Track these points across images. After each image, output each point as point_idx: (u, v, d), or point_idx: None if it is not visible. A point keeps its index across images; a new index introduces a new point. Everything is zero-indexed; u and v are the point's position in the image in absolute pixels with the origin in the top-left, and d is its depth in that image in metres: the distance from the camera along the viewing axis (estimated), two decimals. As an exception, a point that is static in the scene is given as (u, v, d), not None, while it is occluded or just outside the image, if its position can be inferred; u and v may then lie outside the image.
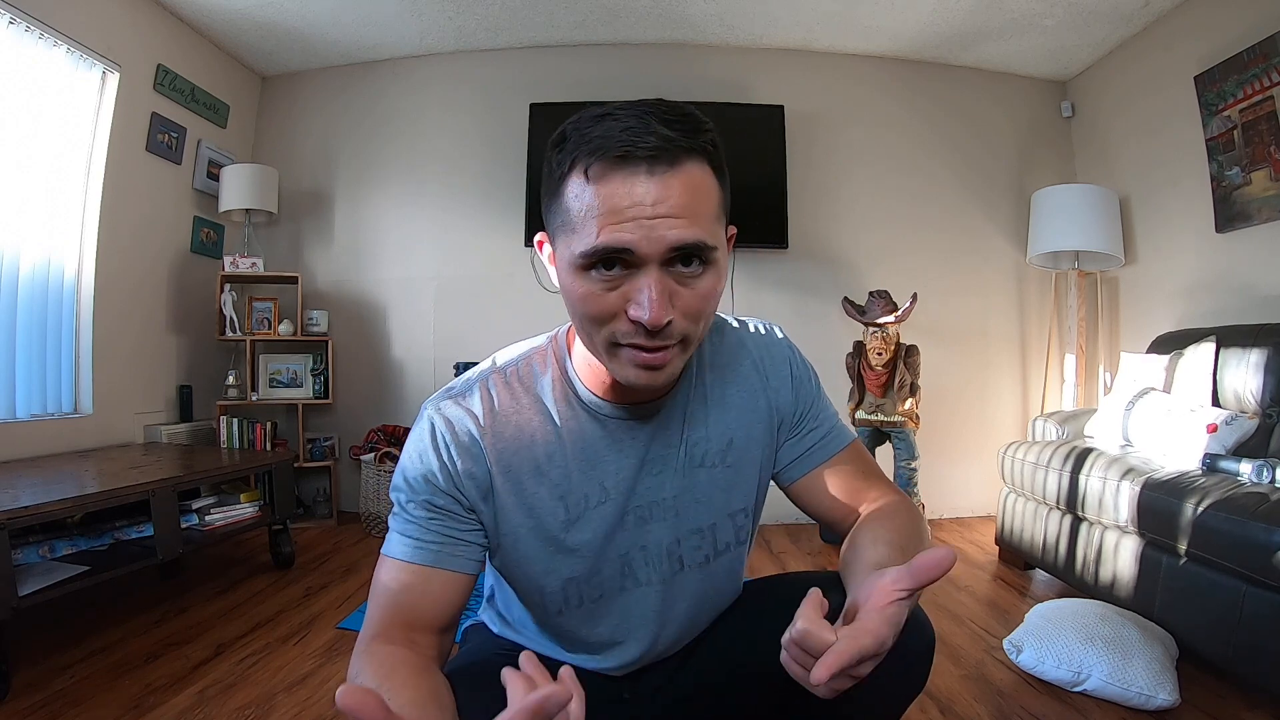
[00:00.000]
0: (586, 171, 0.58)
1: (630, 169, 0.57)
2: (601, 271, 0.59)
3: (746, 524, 0.81)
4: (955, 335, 3.24)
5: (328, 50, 3.23)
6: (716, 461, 0.77)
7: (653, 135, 0.57)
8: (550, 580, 0.74)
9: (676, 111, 0.59)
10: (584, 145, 0.58)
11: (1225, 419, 1.91)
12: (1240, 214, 2.42)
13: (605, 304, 0.60)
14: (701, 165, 0.60)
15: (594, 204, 0.58)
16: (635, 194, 0.57)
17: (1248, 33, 2.34)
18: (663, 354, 0.62)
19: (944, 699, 1.49)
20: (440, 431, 0.70)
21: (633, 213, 0.57)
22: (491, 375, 0.74)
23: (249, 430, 2.97)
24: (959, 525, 3.08)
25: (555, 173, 0.61)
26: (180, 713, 1.40)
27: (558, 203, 0.61)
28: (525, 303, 3.20)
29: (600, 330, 0.62)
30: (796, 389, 0.81)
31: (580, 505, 0.73)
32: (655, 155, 0.57)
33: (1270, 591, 1.37)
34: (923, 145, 3.31)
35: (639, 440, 0.74)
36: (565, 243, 0.61)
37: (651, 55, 3.25)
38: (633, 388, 0.66)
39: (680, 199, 0.58)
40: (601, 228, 0.58)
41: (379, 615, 0.68)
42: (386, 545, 0.71)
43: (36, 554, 1.75)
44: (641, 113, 0.58)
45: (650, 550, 0.76)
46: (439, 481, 0.70)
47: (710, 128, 0.61)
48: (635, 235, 0.57)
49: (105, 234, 2.56)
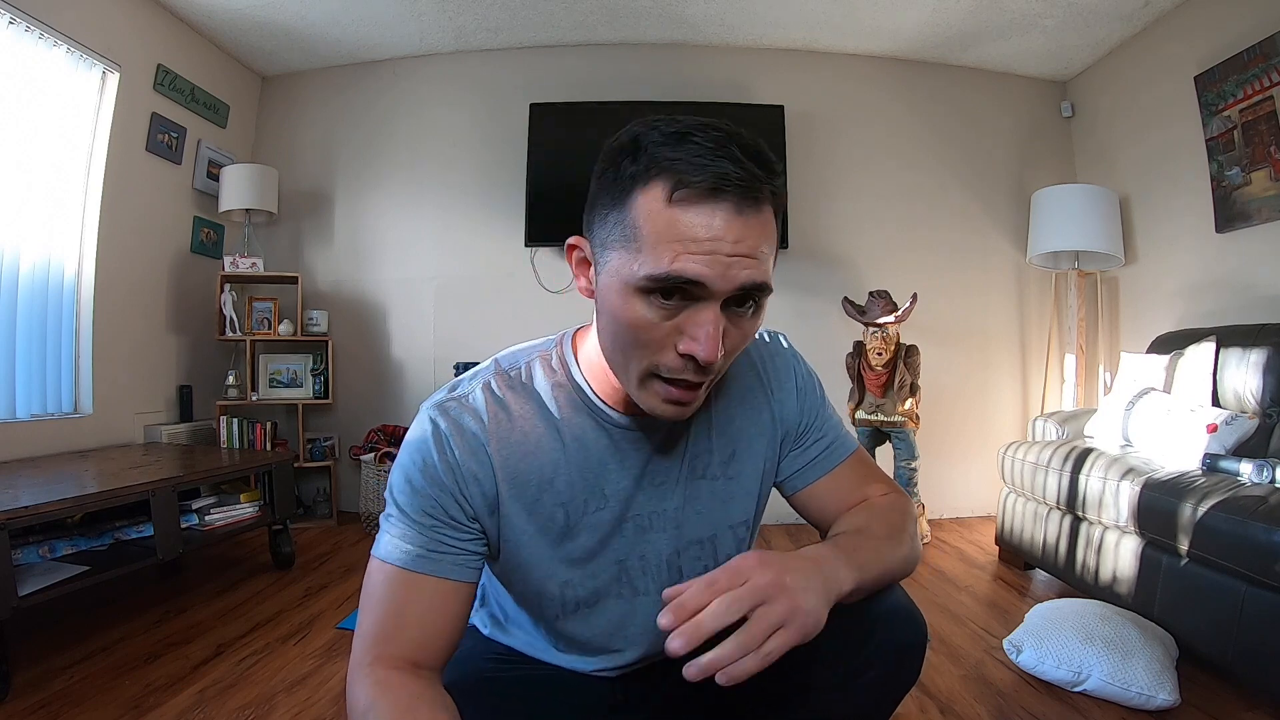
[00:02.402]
0: (670, 193, 0.56)
1: (717, 202, 0.56)
2: (660, 300, 0.58)
3: (746, 536, 0.81)
4: (955, 335, 3.24)
5: (328, 50, 3.23)
6: (718, 474, 0.76)
7: (741, 170, 0.56)
8: (549, 585, 0.74)
9: (752, 146, 0.58)
10: (668, 163, 0.56)
11: (1225, 419, 1.91)
12: (1240, 214, 2.42)
13: (657, 333, 0.59)
14: (771, 210, 0.60)
15: (671, 228, 0.56)
16: (717, 228, 0.56)
17: (1248, 33, 2.34)
18: (696, 391, 0.62)
19: (944, 699, 1.49)
20: (445, 432, 0.68)
21: (711, 246, 0.56)
22: (494, 377, 0.72)
23: (249, 430, 2.97)
24: (959, 525, 3.08)
25: (624, 183, 0.58)
26: (180, 713, 1.40)
27: (620, 214, 0.59)
28: (525, 303, 3.20)
29: (642, 359, 0.61)
30: (801, 400, 0.81)
31: (580, 511, 0.72)
32: (743, 193, 0.56)
33: (1270, 592, 1.37)
34: (923, 145, 3.31)
35: (642, 451, 0.73)
36: (624, 260, 0.58)
37: (651, 55, 3.25)
38: (655, 417, 0.65)
39: (756, 241, 0.57)
40: (678, 255, 0.56)
41: (377, 630, 0.65)
42: (381, 548, 0.67)
43: (36, 554, 1.75)
44: (721, 140, 0.57)
45: (649, 560, 0.75)
46: (444, 483, 0.67)
47: (781, 171, 0.60)
48: (711, 271, 0.56)
49: (105, 234, 2.56)
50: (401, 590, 0.66)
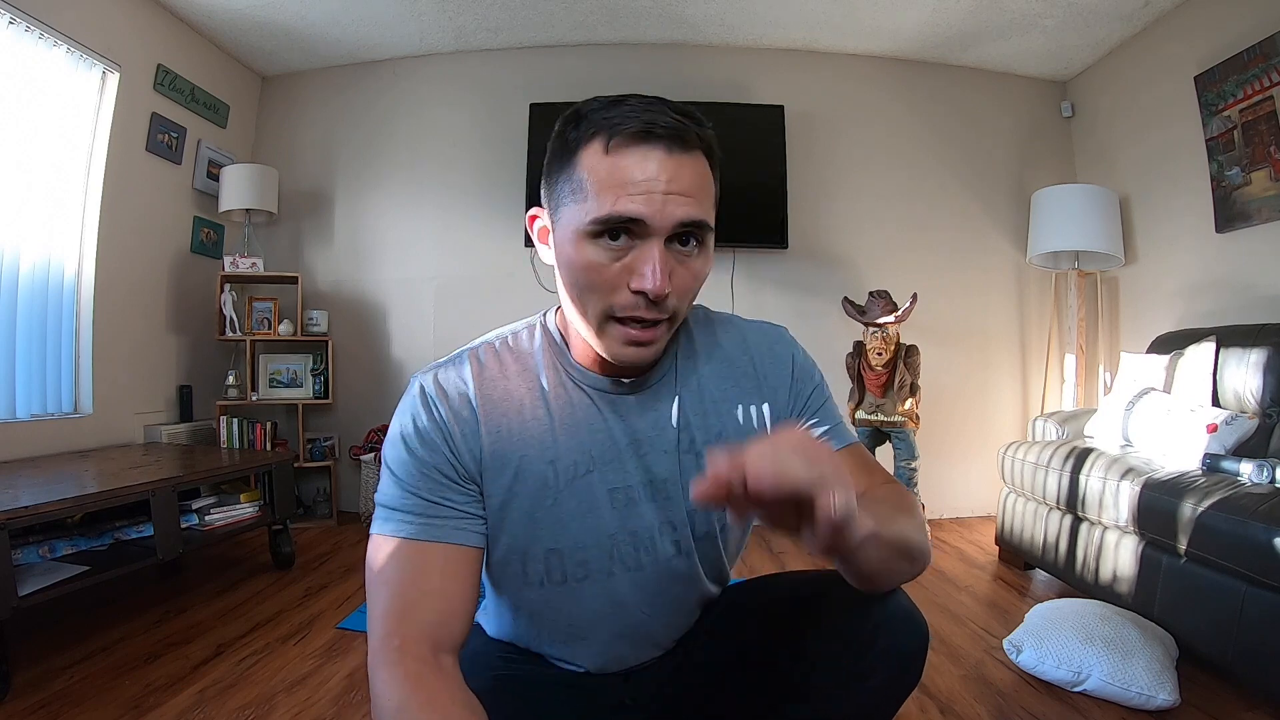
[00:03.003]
0: (607, 144, 0.62)
1: (649, 146, 0.62)
2: (608, 241, 0.63)
3: (724, 516, 0.78)
4: (955, 335, 3.24)
5: (328, 50, 3.23)
6: (704, 450, 0.76)
7: (669, 119, 0.62)
8: (534, 547, 0.73)
9: (682, 107, 0.65)
10: (603, 121, 0.63)
11: (1225, 419, 1.91)
12: (1240, 214, 2.42)
13: (608, 274, 0.63)
14: (704, 158, 0.65)
15: (611, 174, 0.62)
16: (650, 169, 0.61)
17: (1248, 33, 2.34)
18: (653, 331, 0.65)
19: (944, 699, 1.49)
20: (431, 395, 0.71)
21: (647, 186, 0.61)
22: (481, 346, 0.76)
23: (249, 430, 2.97)
24: (959, 525, 3.08)
25: (569, 145, 0.65)
26: (180, 713, 1.40)
27: (568, 173, 0.65)
28: (525, 303, 3.16)
29: (598, 302, 0.65)
30: (796, 388, 0.80)
31: (570, 472, 0.72)
32: (672, 137, 0.62)
33: (1270, 591, 1.37)
34: (923, 145, 3.31)
35: (627, 417, 0.74)
36: (573, 211, 0.64)
37: (651, 55, 3.25)
38: (622, 365, 0.68)
39: (690, 180, 0.63)
40: (618, 197, 0.61)
41: (391, 608, 0.63)
42: (381, 525, 0.67)
43: (36, 554, 1.75)
44: (652, 100, 0.64)
45: (640, 535, 0.74)
46: (434, 442, 0.69)
47: (710, 127, 0.66)
48: (648, 208, 0.61)
49: (105, 234, 2.56)
50: (410, 562, 0.65)
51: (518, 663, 0.82)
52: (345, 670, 1.61)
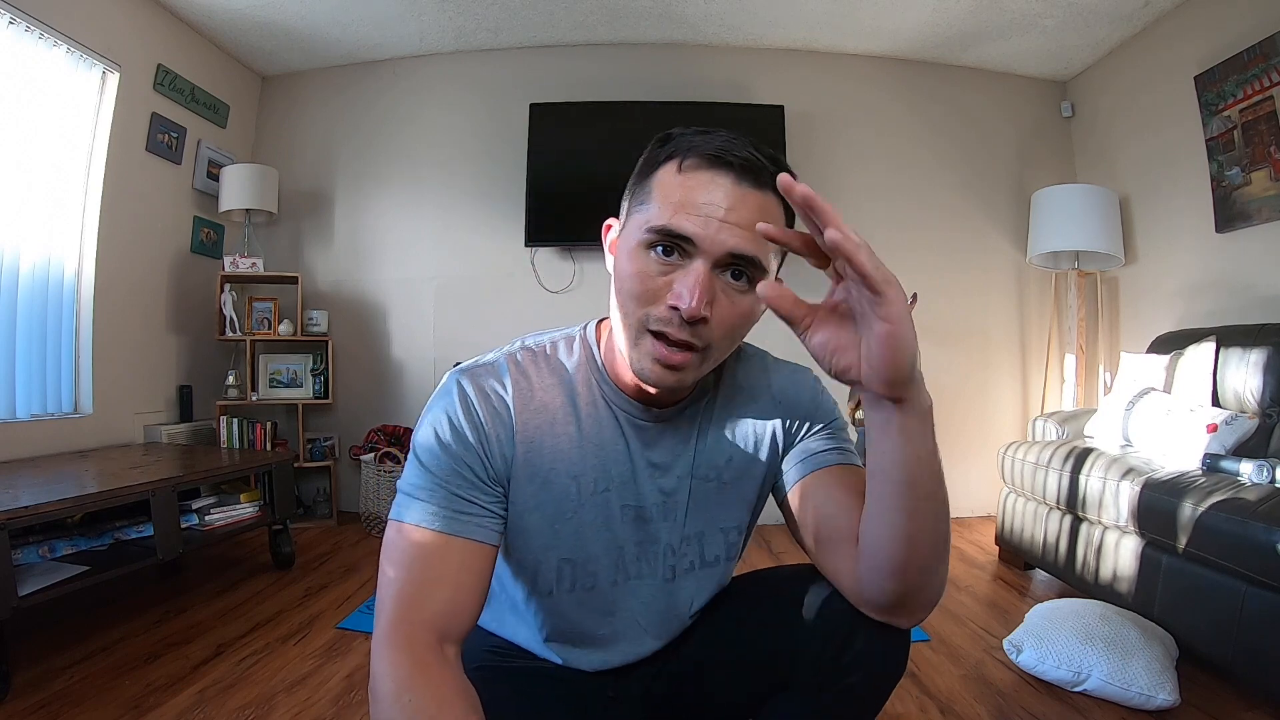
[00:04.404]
0: (681, 163, 0.65)
1: (718, 171, 0.63)
2: (660, 254, 0.64)
3: (738, 541, 0.82)
4: (955, 335, 3.24)
5: (328, 50, 3.23)
6: (713, 476, 0.78)
7: (746, 151, 0.64)
8: (548, 556, 0.75)
9: (766, 149, 0.66)
10: (686, 143, 0.65)
11: (1225, 419, 1.91)
12: (1240, 214, 2.42)
13: (652, 285, 0.64)
14: (775, 199, 0.64)
15: (677, 191, 0.64)
16: (715, 195, 0.63)
17: (1248, 33, 2.34)
18: (682, 355, 0.64)
19: (944, 699, 1.49)
20: (471, 396, 0.71)
21: (706, 209, 0.62)
22: (519, 352, 0.76)
23: (249, 430, 2.97)
24: (959, 525, 3.08)
25: (652, 163, 0.67)
26: (180, 713, 1.40)
27: (644, 185, 0.67)
28: (525, 303, 3.21)
29: (637, 310, 0.65)
30: (810, 419, 0.80)
31: (590, 488, 0.74)
32: (743, 167, 0.63)
33: (1270, 591, 1.37)
34: (923, 145, 3.31)
35: (649, 441, 0.76)
36: (637, 219, 0.66)
37: (651, 55, 3.25)
38: (647, 384, 0.68)
39: (751, 214, 0.63)
40: (676, 212, 0.63)
41: (402, 594, 0.64)
42: (403, 513, 0.67)
43: (36, 554, 1.75)
44: (740, 135, 0.66)
45: (646, 548, 0.77)
46: (469, 442, 0.69)
47: (792, 173, 0.62)
48: (702, 229, 0.62)
49: (105, 234, 2.56)
50: (428, 551, 0.66)
51: (507, 655, 0.84)
52: (345, 670, 1.61)
